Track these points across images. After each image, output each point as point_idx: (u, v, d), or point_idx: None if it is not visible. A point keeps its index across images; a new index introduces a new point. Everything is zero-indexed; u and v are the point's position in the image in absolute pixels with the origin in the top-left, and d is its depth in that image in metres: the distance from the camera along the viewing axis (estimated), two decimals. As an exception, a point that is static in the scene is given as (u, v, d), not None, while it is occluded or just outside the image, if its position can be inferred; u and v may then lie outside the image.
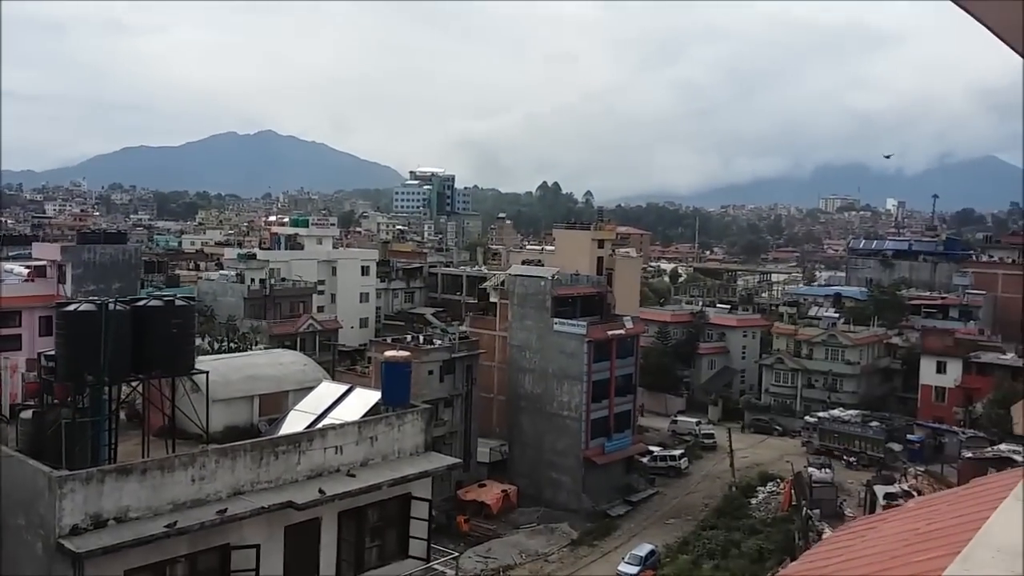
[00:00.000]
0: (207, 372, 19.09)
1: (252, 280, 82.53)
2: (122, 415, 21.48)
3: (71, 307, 17.32)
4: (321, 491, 17.95)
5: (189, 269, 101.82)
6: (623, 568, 52.86)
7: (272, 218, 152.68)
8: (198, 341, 47.75)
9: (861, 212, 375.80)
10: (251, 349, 46.01)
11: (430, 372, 63.88)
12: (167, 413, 18.81)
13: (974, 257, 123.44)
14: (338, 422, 20.03)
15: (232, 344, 52.80)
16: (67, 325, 17.25)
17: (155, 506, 16.30)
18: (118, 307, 17.17)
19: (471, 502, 63.30)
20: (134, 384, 18.74)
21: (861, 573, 3.59)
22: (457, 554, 23.59)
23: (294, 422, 21.12)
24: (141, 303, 18.12)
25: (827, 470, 65.18)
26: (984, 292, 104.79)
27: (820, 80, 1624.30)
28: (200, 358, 22.49)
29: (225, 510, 16.71)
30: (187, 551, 16.74)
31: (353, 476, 19.03)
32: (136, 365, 17.77)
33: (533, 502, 65.10)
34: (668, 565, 52.43)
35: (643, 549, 54.68)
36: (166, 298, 19.28)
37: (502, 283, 76.07)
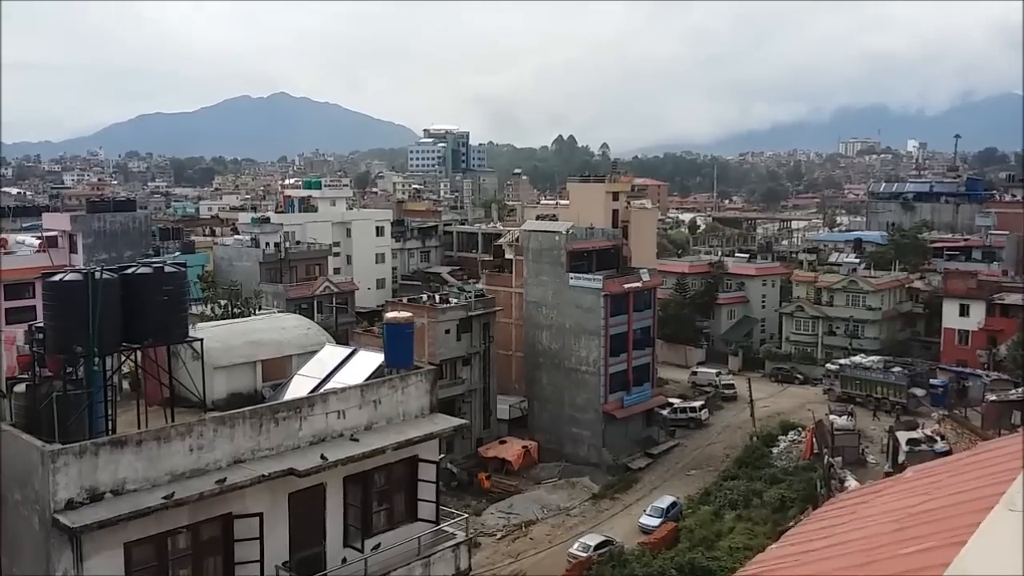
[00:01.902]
0: (202, 339, 18.71)
1: (267, 244, 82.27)
2: (126, 386, 21.27)
3: (56, 277, 16.92)
4: (323, 457, 17.62)
5: (205, 235, 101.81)
6: (645, 520, 52.86)
7: (289, 181, 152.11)
8: (201, 308, 47.83)
9: (882, 155, 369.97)
10: (255, 314, 45.70)
11: (447, 331, 63.72)
12: (164, 383, 18.47)
13: (996, 197, 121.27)
14: (340, 386, 19.64)
15: (236, 310, 52.51)
16: (53, 295, 16.83)
17: (153, 477, 16.01)
18: (105, 275, 16.75)
19: (492, 459, 63.51)
20: (127, 355, 18.36)
21: (840, 566, 3.08)
22: (467, 515, 23.32)
23: (298, 387, 20.76)
24: (130, 271, 17.69)
25: (849, 417, 64.69)
26: (1007, 232, 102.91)
27: (838, 21, 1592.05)
28: (201, 324, 22.13)
29: (224, 479, 16.42)
30: (188, 522, 16.50)
31: (356, 440, 18.68)
32: (128, 335, 17.38)
33: (554, 457, 65.17)
34: (690, 516, 52.33)
35: (664, 501, 54.62)
36: (155, 264, 18.81)
37: (517, 239, 75.41)
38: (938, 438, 57.32)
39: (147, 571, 16.17)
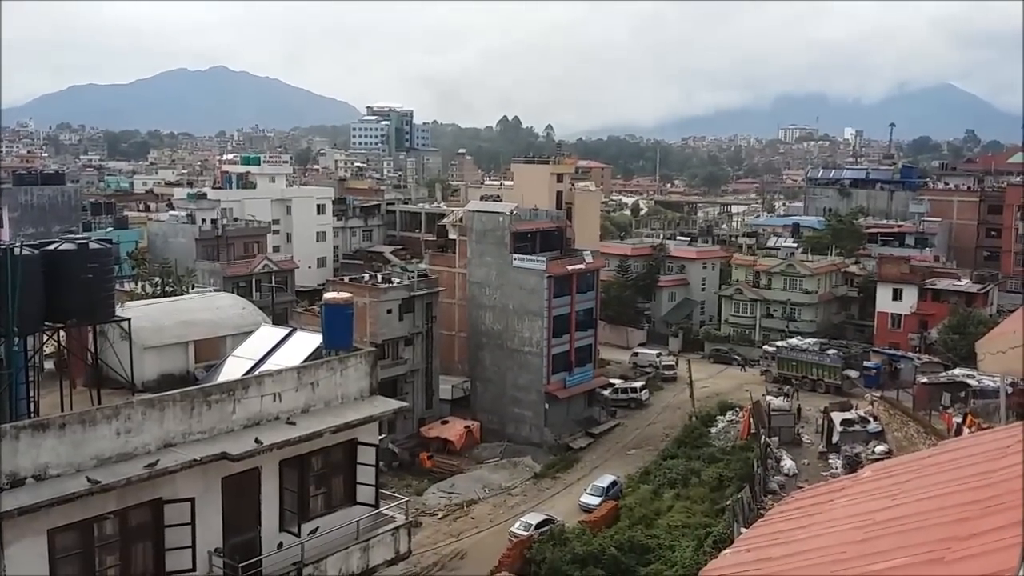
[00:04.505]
0: (129, 319, 17.99)
1: (203, 221, 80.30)
2: (50, 366, 20.42)
3: (-29, 253, 16.05)
4: (258, 440, 17.12)
5: (139, 210, 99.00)
6: (585, 499, 53.19)
7: (227, 156, 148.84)
8: (131, 286, 46.40)
9: (820, 142, 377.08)
10: (188, 292, 44.47)
11: (389, 311, 63.07)
12: (90, 364, 17.72)
13: (930, 185, 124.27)
14: (277, 368, 19.11)
15: (168, 288, 51.01)
16: (-31, 272, 15.98)
17: (77, 462, 15.36)
18: (26, 251, 15.94)
19: (434, 439, 63.24)
20: (50, 334, 17.56)
21: (800, 580, 2.89)
22: (407, 499, 23.03)
23: (232, 368, 20.19)
24: (52, 247, 16.88)
25: (785, 398, 65.85)
26: (939, 219, 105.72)
27: (782, 9, 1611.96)
28: (130, 303, 21.33)
29: (154, 464, 15.83)
30: (116, 507, 15.90)
31: (293, 424, 18.20)
32: (50, 313, 16.60)
33: (496, 437, 65.19)
34: (630, 495, 52.78)
35: (605, 480, 55.03)
36: (80, 241, 18.00)
37: (461, 219, 74.92)
38: (871, 419, 58.80)
39: (72, 558, 15.57)
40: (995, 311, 78.72)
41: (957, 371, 61.51)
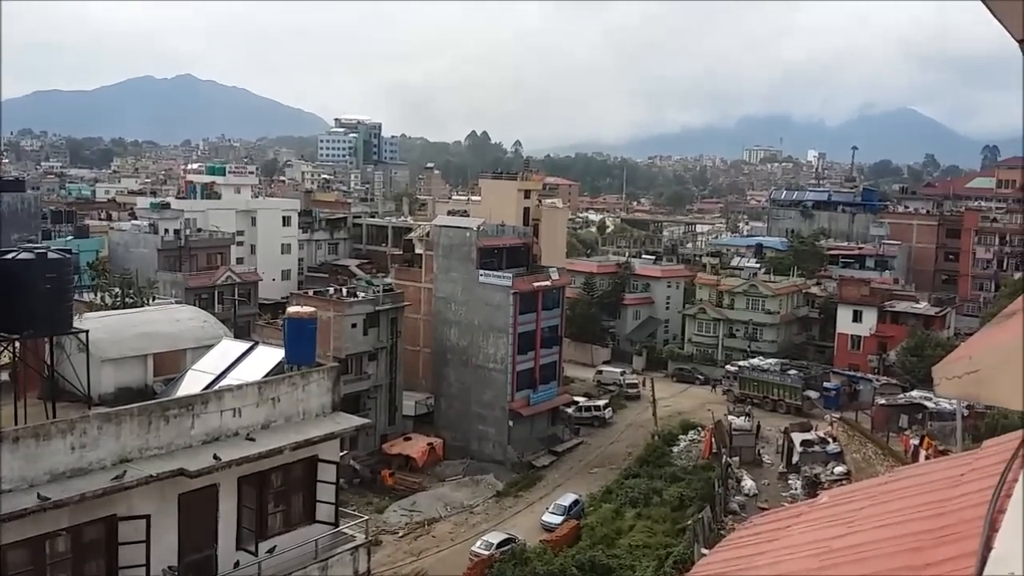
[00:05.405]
0: (87, 331, 17.67)
1: (166, 231, 79.42)
2: (4, 378, 19.99)
3: (-75, 262, 15.72)
4: (216, 457, 16.88)
5: (100, 219, 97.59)
6: (547, 518, 53.09)
7: (192, 166, 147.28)
8: (91, 296, 45.65)
9: (783, 163, 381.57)
10: (149, 304, 43.83)
11: (353, 325, 62.72)
12: (45, 376, 17.38)
13: (890, 208, 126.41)
14: (237, 382, 18.88)
15: (128, 299, 50.23)
16: (-79, 282, 15.65)
17: (30, 477, 15.01)
18: (-19, 261, 15.65)
19: (397, 455, 62.79)
20: (5, 345, 17.19)
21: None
22: (367, 517, 22.81)
23: (192, 382, 19.93)
24: (10, 256, 16.56)
25: (747, 418, 66.38)
26: (899, 242, 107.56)
27: (746, 29, 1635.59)
28: (89, 314, 20.97)
29: (121, 475, 15.53)
30: (69, 524, 15.56)
31: (253, 440, 17.97)
32: (6, 324, 16.26)
33: (459, 454, 64.88)
34: (591, 514, 52.79)
35: (567, 499, 54.98)
36: (38, 250, 17.70)
37: (427, 234, 74.81)
38: (830, 439, 59.47)
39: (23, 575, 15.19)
40: (952, 334, 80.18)
41: (915, 393, 62.52)
